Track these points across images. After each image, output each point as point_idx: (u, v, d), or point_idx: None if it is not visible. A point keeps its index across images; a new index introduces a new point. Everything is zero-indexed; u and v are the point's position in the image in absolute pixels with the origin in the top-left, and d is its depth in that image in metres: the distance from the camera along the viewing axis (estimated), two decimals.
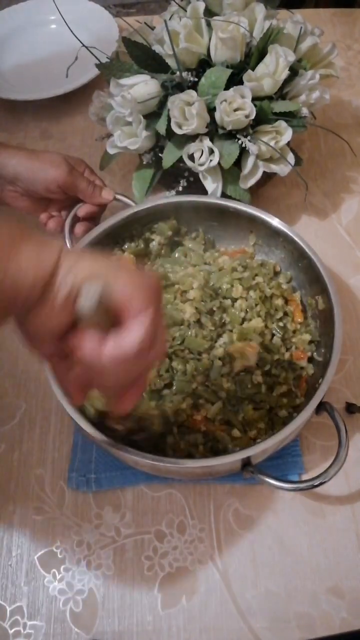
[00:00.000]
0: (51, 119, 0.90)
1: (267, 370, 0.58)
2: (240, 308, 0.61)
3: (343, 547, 0.55)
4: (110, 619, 0.52)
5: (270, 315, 0.62)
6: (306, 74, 0.67)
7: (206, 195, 0.66)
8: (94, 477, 0.58)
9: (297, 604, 0.52)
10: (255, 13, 0.65)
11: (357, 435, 0.61)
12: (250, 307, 0.61)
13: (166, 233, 0.67)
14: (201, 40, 0.65)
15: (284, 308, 0.63)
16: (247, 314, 0.61)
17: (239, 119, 0.62)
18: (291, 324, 0.63)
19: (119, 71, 0.68)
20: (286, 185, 0.80)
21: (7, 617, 0.52)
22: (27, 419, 0.63)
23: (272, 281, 0.65)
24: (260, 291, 0.62)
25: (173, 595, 0.53)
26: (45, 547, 0.55)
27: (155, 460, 0.49)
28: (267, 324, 0.61)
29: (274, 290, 0.63)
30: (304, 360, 0.61)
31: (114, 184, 0.81)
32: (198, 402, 0.56)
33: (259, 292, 0.62)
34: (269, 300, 0.63)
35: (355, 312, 0.70)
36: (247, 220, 0.66)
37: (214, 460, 0.50)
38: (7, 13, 1.01)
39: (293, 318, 0.64)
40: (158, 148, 0.68)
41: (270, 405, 0.57)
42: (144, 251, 0.67)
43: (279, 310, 0.63)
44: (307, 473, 0.59)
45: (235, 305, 0.61)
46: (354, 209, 0.79)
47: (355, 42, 1.00)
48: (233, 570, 0.54)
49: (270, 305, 0.62)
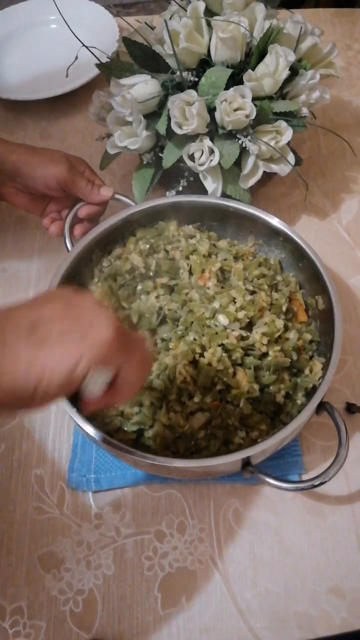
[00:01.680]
0: (51, 119, 0.90)
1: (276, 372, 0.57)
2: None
3: (343, 547, 0.55)
4: (110, 618, 0.52)
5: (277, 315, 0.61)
6: (306, 73, 0.67)
7: (206, 195, 0.66)
8: (94, 477, 0.58)
9: (297, 604, 0.52)
10: (255, 13, 0.65)
11: (357, 435, 0.61)
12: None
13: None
14: (201, 40, 0.65)
15: (287, 306, 0.63)
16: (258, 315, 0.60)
17: (239, 118, 0.62)
18: (294, 323, 0.63)
19: (119, 71, 0.68)
20: (286, 185, 0.80)
21: (7, 617, 0.52)
22: (27, 419, 0.63)
23: (277, 276, 0.65)
24: (271, 288, 0.63)
25: (173, 595, 0.53)
26: (46, 547, 0.55)
27: (155, 461, 0.49)
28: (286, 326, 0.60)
29: (282, 288, 0.63)
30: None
31: (114, 184, 0.81)
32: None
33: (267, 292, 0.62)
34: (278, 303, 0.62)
35: (355, 312, 0.70)
36: (248, 220, 0.66)
37: (214, 460, 0.50)
38: (7, 13, 1.01)
39: (297, 318, 0.63)
40: (158, 148, 0.68)
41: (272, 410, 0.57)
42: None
43: (286, 310, 0.62)
44: (307, 473, 0.59)
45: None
46: (354, 208, 0.79)
47: (355, 42, 1.00)
48: (233, 570, 0.54)
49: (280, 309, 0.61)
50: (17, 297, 0.71)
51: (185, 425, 0.54)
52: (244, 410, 0.55)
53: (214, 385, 0.55)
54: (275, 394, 0.56)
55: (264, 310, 0.59)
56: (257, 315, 0.58)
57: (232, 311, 0.57)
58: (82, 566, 0.54)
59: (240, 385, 0.55)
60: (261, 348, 0.56)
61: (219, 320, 0.57)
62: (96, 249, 0.64)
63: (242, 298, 0.58)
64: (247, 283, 0.61)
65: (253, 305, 0.58)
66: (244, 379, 0.55)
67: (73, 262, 0.61)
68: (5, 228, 0.78)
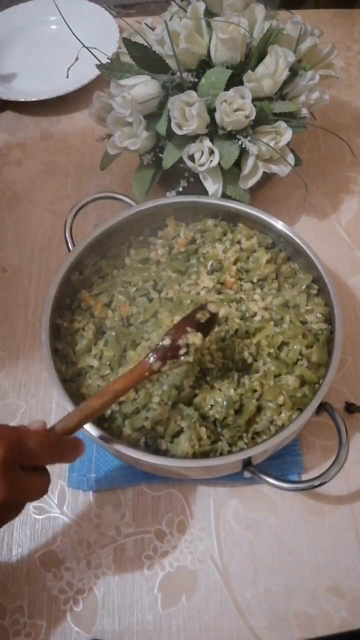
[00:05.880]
0: (51, 119, 0.90)
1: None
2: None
3: (343, 547, 0.55)
4: (110, 618, 0.52)
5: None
6: (306, 74, 0.67)
7: (206, 196, 0.66)
8: (94, 477, 0.58)
9: (297, 603, 0.53)
10: (255, 14, 0.66)
11: (356, 435, 0.61)
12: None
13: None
14: (201, 41, 0.66)
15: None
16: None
17: (239, 119, 0.62)
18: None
19: (119, 72, 0.69)
20: (286, 185, 0.81)
21: (7, 616, 0.52)
22: (27, 419, 0.63)
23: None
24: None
25: (173, 594, 0.53)
26: (46, 547, 0.56)
27: (156, 460, 0.49)
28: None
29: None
30: None
31: (114, 184, 0.81)
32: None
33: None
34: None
35: (355, 312, 0.70)
36: (249, 222, 0.66)
37: (215, 461, 0.50)
38: (8, 13, 1.01)
39: None
40: (158, 148, 0.68)
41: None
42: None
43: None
44: (307, 472, 0.59)
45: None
46: (354, 209, 0.79)
47: (355, 43, 1.00)
48: (233, 569, 0.54)
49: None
50: (17, 297, 0.72)
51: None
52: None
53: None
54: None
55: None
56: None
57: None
58: (82, 565, 0.55)
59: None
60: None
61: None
62: (96, 249, 0.64)
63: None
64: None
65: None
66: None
67: (73, 262, 0.61)
68: (5, 228, 0.78)
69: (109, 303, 0.62)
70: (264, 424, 0.54)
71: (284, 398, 0.54)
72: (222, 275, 0.62)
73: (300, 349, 0.57)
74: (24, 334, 0.69)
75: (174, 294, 0.61)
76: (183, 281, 0.63)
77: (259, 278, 0.62)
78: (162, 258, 0.65)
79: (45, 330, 0.55)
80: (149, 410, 0.54)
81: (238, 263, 0.63)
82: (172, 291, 0.61)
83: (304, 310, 0.60)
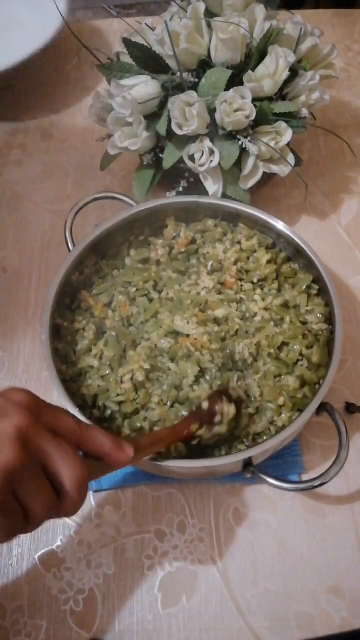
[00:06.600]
0: (51, 120, 0.90)
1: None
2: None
3: (343, 547, 0.55)
4: (110, 618, 0.52)
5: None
6: (306, 74, 0.67)
7: (206, 196, 0.66)
8: None
9: (297, 604, 0.53)
10: (255, 14, 0.66)
11: (356, 435, 0.61)
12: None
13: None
14: (201, 41, 0.66)
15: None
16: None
17: (239, 119, 0.62)
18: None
19: (119, 72, 0.69)
20: (286, 185, 0.81)
21: (7, 616, 0.52)
22: None
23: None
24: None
25: (173, 594, 0.53)
26: (46, 546, 0.56)
27: (156, 460, 0.49)
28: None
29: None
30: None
31: (114, 184, 0.81)
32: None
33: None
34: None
35: (355, 312, 0.70)
36: (249, 222, 0.66)
37: (215, 461, 0.50)
38: None
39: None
40: (158, 148, 0.68)
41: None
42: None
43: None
44: (307, 472, 0.59)
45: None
46: (354, 209, 0.79)
47: (355, 43, 1.00)
48: (233, 569, 0.54)
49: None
50: (17, 297, 0.72)
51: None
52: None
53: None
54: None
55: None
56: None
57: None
58: (82, 565, 0.55)
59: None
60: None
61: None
62: (96, 249, 0.64)
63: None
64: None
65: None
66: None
67: (73, 262, 0.61)
68: (5, 228, 0.78)
69: (109, 303, 0.62)
70: (264, 425, 0.54)
71: (284, 399, 0.54)
72: (222, 275, 0.62)
73: (300, 349, 0.57)
74: (24, 334, 0.69)
75: (174, 294, 0.61)
76: (183, 281, 0.63)
77: (259, 278, 0.62)
78: (162, 258, 0.65)
79: (45, 330, 0.55)
80: (148, 410, 0.54)
81: (238, 263, 0.63)
82: (172, 291, 0.61)
83: (304, 311, 0.60)
